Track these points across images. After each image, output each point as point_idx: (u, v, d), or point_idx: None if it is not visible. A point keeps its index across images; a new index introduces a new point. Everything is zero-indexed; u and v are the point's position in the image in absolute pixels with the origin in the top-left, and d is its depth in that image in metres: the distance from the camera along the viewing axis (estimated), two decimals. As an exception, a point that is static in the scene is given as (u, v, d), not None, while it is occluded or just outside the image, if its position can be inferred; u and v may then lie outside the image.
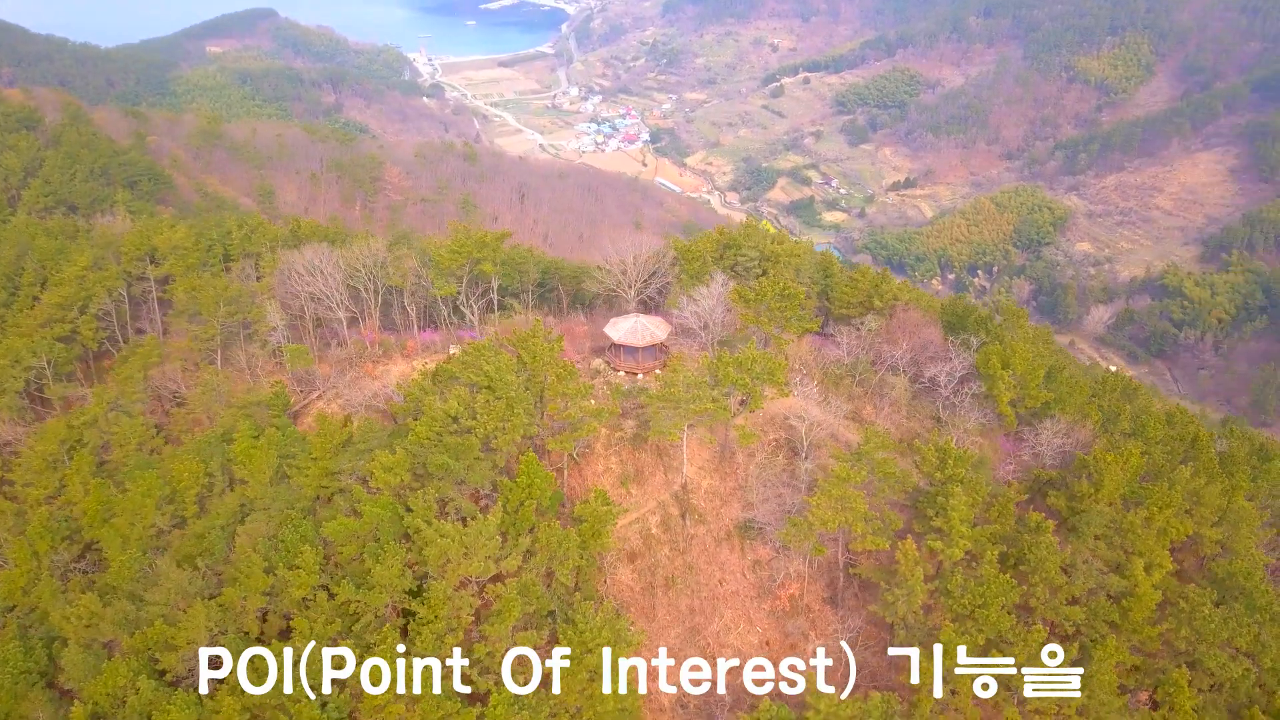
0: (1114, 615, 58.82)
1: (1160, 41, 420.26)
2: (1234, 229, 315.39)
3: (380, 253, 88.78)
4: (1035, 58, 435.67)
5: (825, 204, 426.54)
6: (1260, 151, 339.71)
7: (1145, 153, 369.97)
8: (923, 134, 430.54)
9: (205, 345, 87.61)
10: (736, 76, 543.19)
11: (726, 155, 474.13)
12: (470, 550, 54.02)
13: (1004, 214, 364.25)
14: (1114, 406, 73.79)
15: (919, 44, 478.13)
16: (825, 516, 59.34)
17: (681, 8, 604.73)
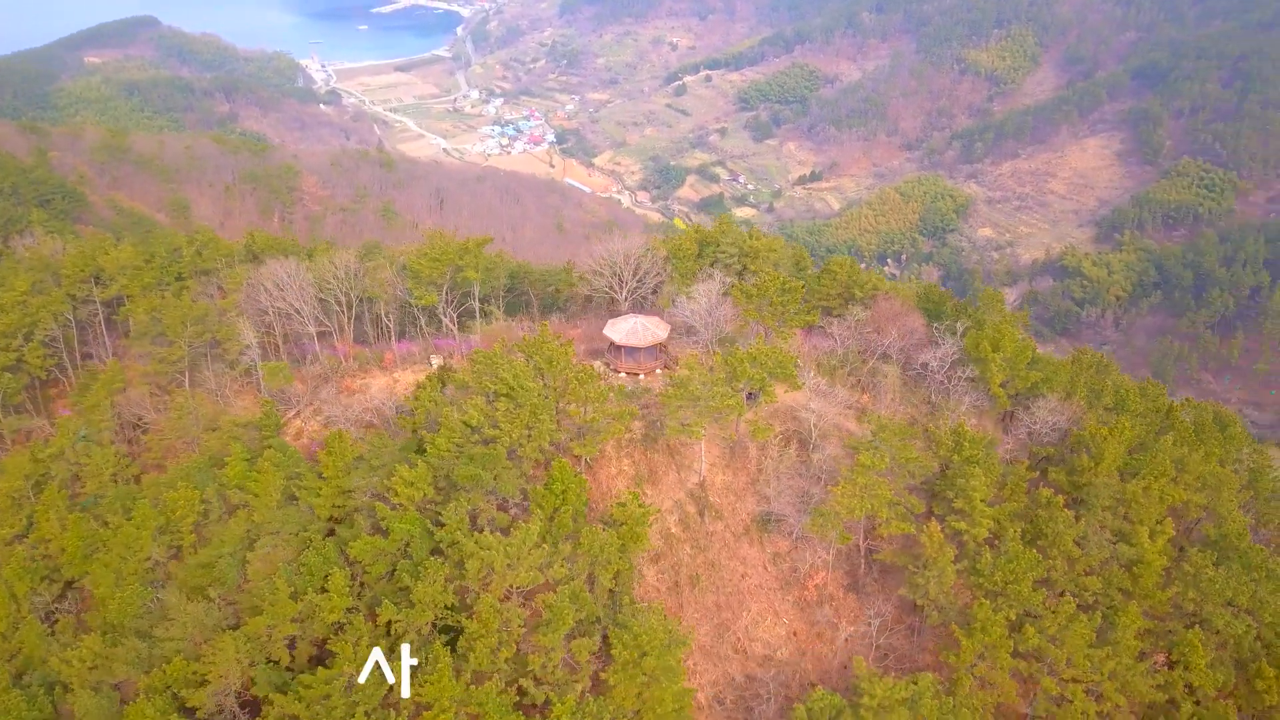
0: (1126, 583, 61.39)
1: (1043, 33, 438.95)
2: (1124, 210, 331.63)
3: (352, 264, 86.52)
4: (928, 51, 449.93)
5: (734, 200, 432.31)
6: (1142, 136, 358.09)
7: (1037, 140, 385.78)
8: (825, 128, 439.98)
9: (172, 368, 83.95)
10: (638, 76, 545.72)
11: (634, 154, 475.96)
12: (515, 561, 53.24)
13: (909, 203, 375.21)
14: (1093, 383, 76.93)
15: (816, 40, 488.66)
16: (851, 505, 60.36)
17: (578, 8, 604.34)
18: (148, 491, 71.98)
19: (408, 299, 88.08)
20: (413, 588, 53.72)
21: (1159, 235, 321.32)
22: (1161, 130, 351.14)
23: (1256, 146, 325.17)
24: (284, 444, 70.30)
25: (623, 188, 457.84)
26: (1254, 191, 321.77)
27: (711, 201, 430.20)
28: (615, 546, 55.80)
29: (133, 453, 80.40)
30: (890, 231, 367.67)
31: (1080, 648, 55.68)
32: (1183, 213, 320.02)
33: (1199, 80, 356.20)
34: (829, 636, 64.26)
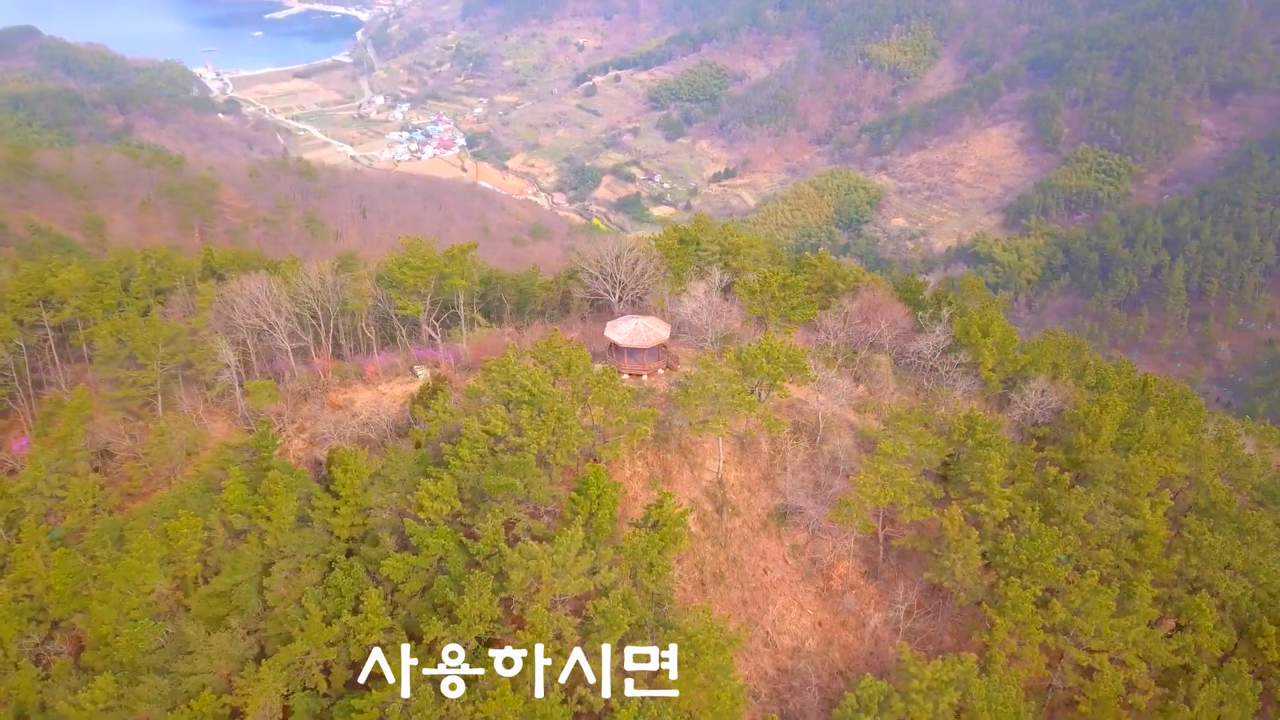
0: (1134, 554, 63.89)
1: (942, 27, 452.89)
2: (1029, 196, 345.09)
3: (329, 276, 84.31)
4: (832, 47, 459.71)
5: (651, 199, 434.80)
6: (1041, 124, 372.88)
7: (942, 131, 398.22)
8: (736, 125, 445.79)
9: (144, 392, 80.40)
10: (546, 77, 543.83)
11: (547, 156, 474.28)
12: (562, 569, 52.65)
13: (823, 197, 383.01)
14: (1072, 362, 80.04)
15: (722, 38, 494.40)
16: (874, 493, 61.44)
17: (481, 10, 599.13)
18: (137, 522, 68.75)
19: (387, 310, 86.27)
20: (456, 603, 52.61)
21: (1063, 219, 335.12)
22: (1059, 119, 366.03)
23: (1148, 131, 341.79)
24: (287, 464, 68.09)
25: (538, 190, 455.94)
26: (1148, 175, 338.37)
27: (629, 201, 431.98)
28: (657, 548, 55.66)
29: (107, 482, 76.77)
30: (807, 225, 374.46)
31: (1105, 619, 57.74)
32: (1084, 197, 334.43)
33: (1091, 70, 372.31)
34: (853, 625, 65.26)
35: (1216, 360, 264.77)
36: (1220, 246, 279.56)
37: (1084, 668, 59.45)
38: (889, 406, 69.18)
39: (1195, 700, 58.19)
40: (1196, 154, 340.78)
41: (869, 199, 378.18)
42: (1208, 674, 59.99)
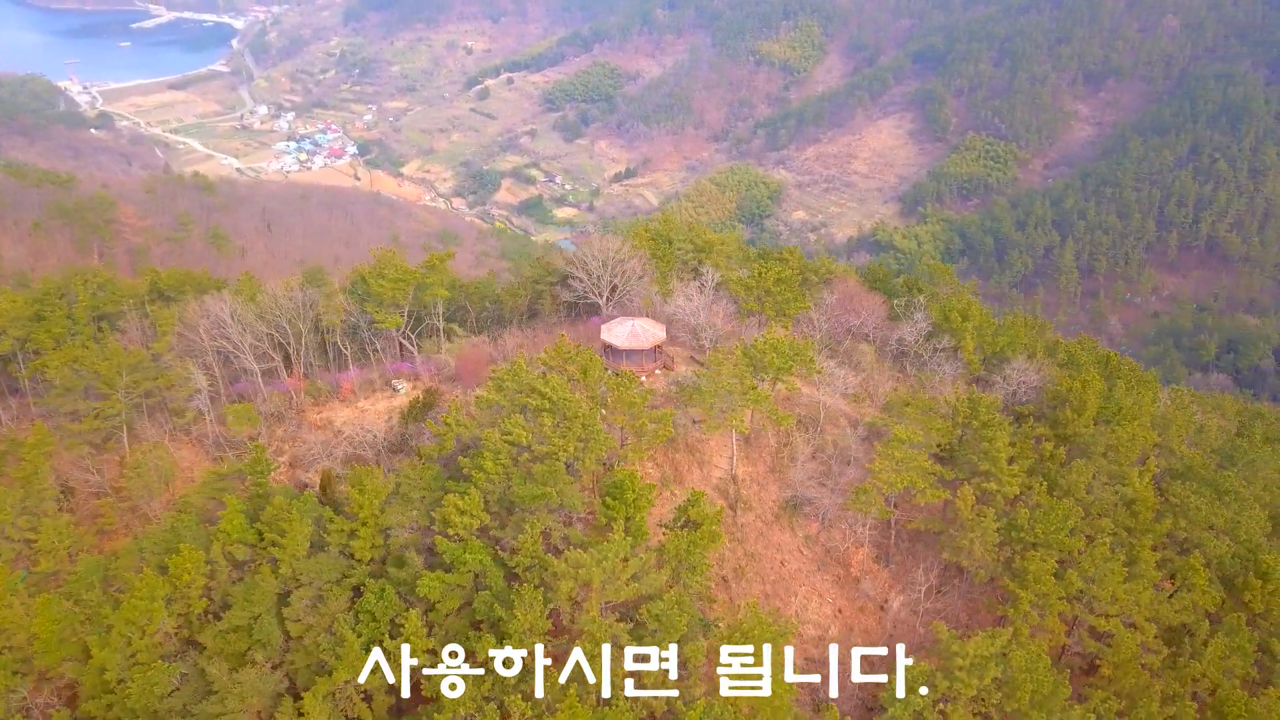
0: (1129, 521, 67.03)
1: (827, 23, 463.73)
2: (923, 184, 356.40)
3: (296, 293, 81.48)
4: (723, 45, 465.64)
5: (554, 201, 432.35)
6: (930, 115, 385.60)
7: (835, 124, 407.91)
8: (634, 124, 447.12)
9: (109, 424, 76.24)
10: (436, 82, 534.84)
11: (443, 161, 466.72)
12: (611, 575, 52.22)
13: (725, 193, 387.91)
14: (1038, 342, 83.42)
15: (614, 38, 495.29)
16: (891, 479, 62.87)
17: (364, 15, 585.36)
18: (125, 560, 65.30)
19: (359, 325, 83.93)
20: (506, 618, 51.62)
21: (957, 206, 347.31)
22: (946, 109, 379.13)
23: (1030, 118, 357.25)
24: (289, 489, 65.60)
25: (435, 196, 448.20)
26: (1032, 160, 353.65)
27: (530, 204, 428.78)
28: (700, 547, 55.72)
29: (78, 521, 72.53)
30: (711, 222, 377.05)
31: (1118, 584, 60.46)
32: (975, 184, 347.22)
33: (973, 61, 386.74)
34: (871, 609, 66.66)
35: (1108, 334, 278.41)
36: (1105, 226, 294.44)
37: (1099, 633, 62.19)
38: (887, 394, 70.77)
39: (1202, 655, 61.49)
40: (1075, 139, 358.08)
41: (769, 194, 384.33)
42: (1209, 630, 63.50)
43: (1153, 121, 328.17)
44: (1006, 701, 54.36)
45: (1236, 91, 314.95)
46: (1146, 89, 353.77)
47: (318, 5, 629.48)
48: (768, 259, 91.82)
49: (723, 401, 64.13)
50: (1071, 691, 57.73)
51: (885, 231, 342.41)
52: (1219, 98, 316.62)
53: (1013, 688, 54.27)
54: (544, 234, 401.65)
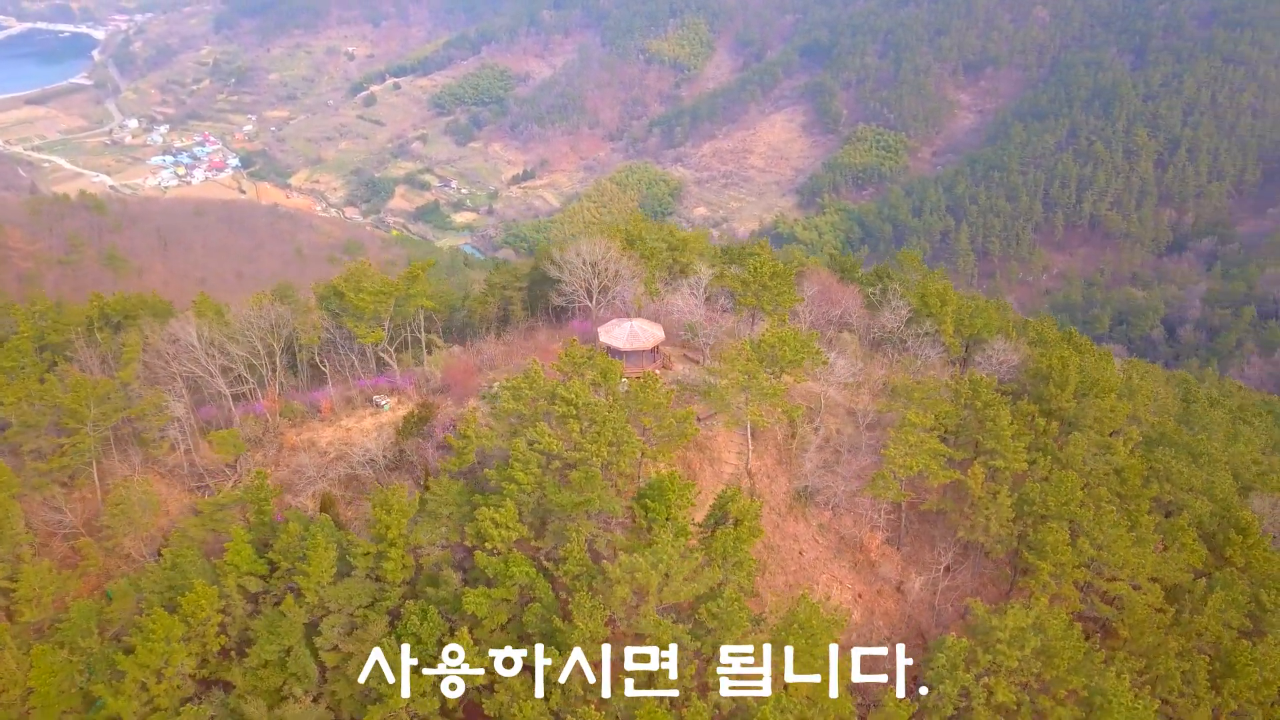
0: (1120, 488, 70.18)
1: (714, 20, 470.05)
2: (819, 176, 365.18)
3: (270, 311, 78.29)
4: (613, 44, 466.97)
5: (451, 206, 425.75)
6: (821, 107, 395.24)
7: (729, 120, 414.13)
8: (528, 126, 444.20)
9: (78, 460, 71.72)
10: (318, 89, 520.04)
11: (333, 170, 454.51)
12: (668, 578, 51.98)
13: (626, 192, 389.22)
14: (1003, 322, 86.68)
15: (501, 40, 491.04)
16: (907, 463, 64.32)
17: (236, 23, 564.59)
18: (122, 602, 61.72)
19: (334, 341, 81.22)
20: (565, 629, 50.85)
21: (853, 195, 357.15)
22: (836, 101, 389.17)
23: (916, 108, 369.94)
24: (301, 514, 62.98)
25: (327, 206, 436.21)
26: (921, 149, 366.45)
27: (427, 210, 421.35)
28: (745, 543, 55.94)
29: (58, 565, 68.03)
30: (613, 221, 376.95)
31: (1126, 549, 63.27)
32: (869, 173, 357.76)
33: (858, 54, 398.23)
34: (889, 592, 68.08)
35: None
36: (996, 209, 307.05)
37: (1108, 597, 65.02)
38: (890, 380, 72.35)
39: (1202, 610, 64.89)
40: (959, 126, 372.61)
41: (670, 191, 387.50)
42: (1205, 586, 67.04)
43: (1031, 107, 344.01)
44: (1045, 670, 56.29)
45: (1106, 77, 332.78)
46: (1022, 76, 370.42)
47: (185, 13, 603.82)
48: (736, 255, 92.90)
49: (738, 397, 64.50)
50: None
51: (786, 224, 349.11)
52: (1090, 83, 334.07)
53: (1050, 656, 56.23)
54: (442, 240, 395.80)
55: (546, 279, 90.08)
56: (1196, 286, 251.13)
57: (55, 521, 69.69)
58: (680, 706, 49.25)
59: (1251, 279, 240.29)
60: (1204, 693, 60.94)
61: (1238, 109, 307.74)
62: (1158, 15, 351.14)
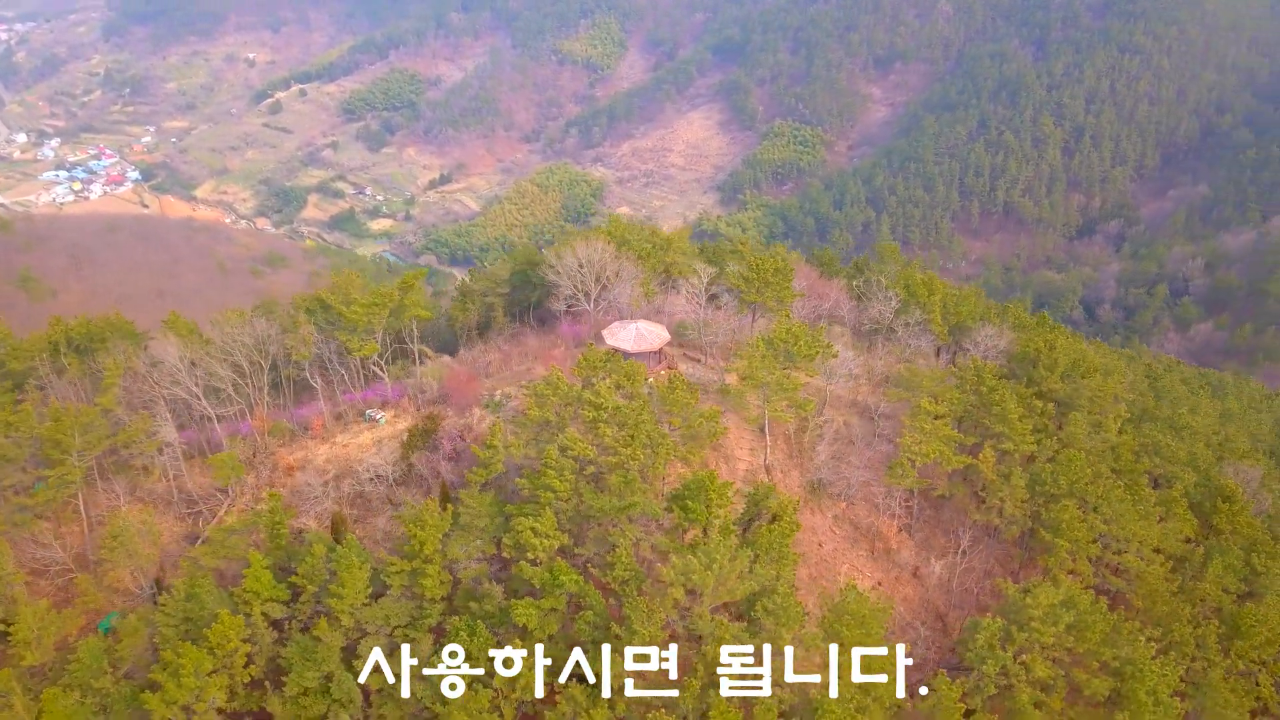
0: (1114, 463, 72.78)
1: (625, 20, 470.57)
2: (739, 173, 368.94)
3: (259, 328, 75.54)
4: (524, 45, 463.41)
5: (367, 213, 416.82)
6: (736, 105, 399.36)
7: (647, 119, 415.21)
8: (442, 130, 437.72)
9: (65, 492, 68.06)
10: (219, 98, 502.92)
11: (240, 181, 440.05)
12: (722, 577, 51.89)
13: (548, 193, 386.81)
14: (990, 309, 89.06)
15: (409, 44, 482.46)
16: (924, 450, 65.50)
17: (127, 30, 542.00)
18: (133, 639, 58.91)
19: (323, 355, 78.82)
20: (625, 634, 50.35)
21: (773, 191, 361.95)
22: (752, 98, 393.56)
23: (830, 103, 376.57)
24: (324, 536, 60.90)
25: (237, 217, 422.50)
26: (837, 142, 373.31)
27: (342, 218, 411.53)
28: (788, 538, 56.18)
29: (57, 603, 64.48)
30: (537, 223, 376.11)
31: (1134, 524, 65.61)
32: (788, 168, 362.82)
33: (771, 51, 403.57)
34: (906, 579, 69.25)
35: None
36: (915, 200, 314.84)
37: (1117, 569, 67.30)
38: (887, 371, 73.51)
39: (1203, 577, 67.75)
40: (872, 119, 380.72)
41: (592, 191, 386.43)
42: (1203, 553, 69.97)
43: (940, 99, 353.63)
44: (1078, 644, 57.96)
45: (1010, 68, 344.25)
46: (930, 70, 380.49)
47: (71, 21, 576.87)
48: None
49: (757, 394, 64.76)
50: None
51: (710, 221, 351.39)
52: (996, 75, 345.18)
53: (1081, 630, 57.92)
54: (360, 247, 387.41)
55: (529, 283, 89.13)
56: (1109, 267, 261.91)
57: (46, 559, 66.09)
58: (751, 705, 49.21)
59: (1160, 258, 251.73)
60: (1214, 655, 63.68)
61: (1135, 96, 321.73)
62: (1055, 8, 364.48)
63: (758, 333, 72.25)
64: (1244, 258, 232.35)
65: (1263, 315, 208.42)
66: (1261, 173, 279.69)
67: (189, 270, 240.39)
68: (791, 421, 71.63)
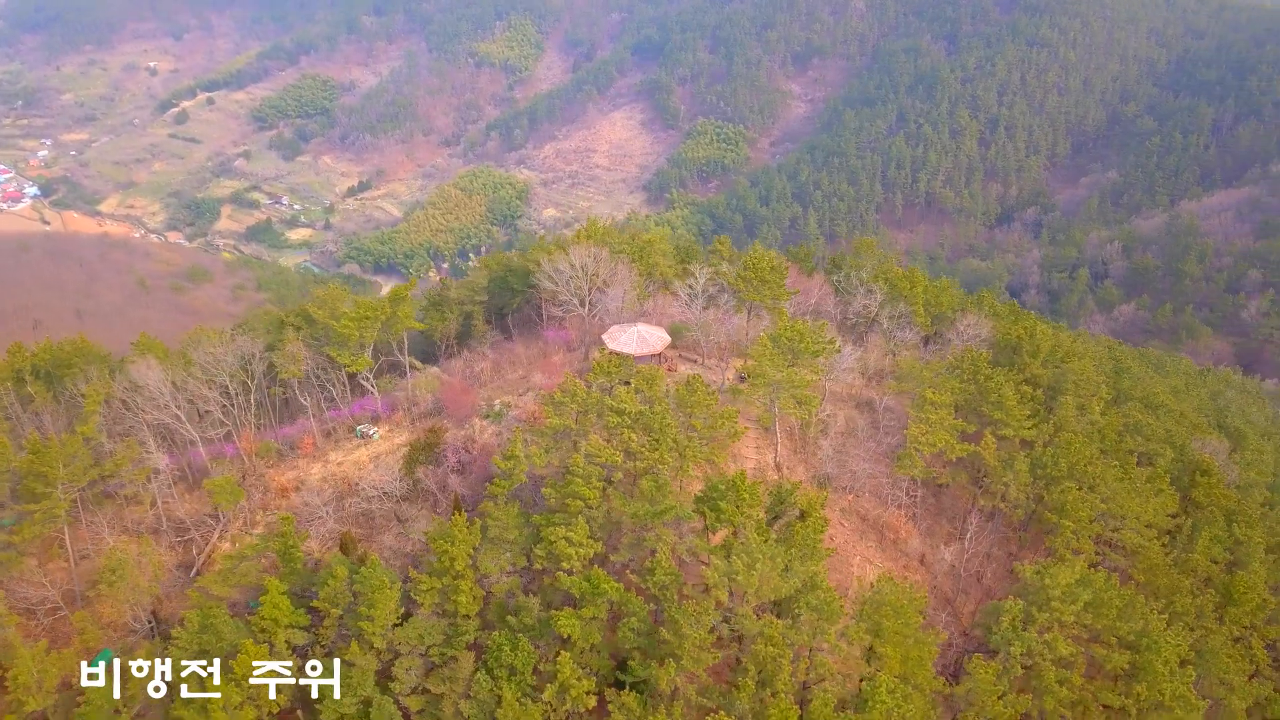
0: (1101, 443, 75.21)
1: (541, 21, 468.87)
2: (665, 172, 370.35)
3: (245, 347, 73.01)
4: (440, 48, 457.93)
5: (284, 223, 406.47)
6: (658, 104, 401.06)
7: (568, 120, 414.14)
8: (359, 136, 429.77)
9: (51, 527, 64.77)
10: (120, 108, 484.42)
11: (148, 194, 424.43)
12: (765, 577, 52.02)
13: (472, 197, 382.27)
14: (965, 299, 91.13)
15: (320, 49, 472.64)
16: (932, 440, 66.71)
17: (16, 39, 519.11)
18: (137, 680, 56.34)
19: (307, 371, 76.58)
20: (675, 639, 50.13)
21: (699, 189, 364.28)
22: (673, 97, 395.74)
23: (751, 100, 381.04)
24: (344, 559, 59.12)
25: (146, 232, 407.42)
26: (759, 139, 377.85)
27: (259, 229, 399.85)
28: (819, 534, 56.59)
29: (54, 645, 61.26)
30: (463, 228, 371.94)
31: (1130, 501, 67.92)
32: (712, 166, 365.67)
33: (690, 50, 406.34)
34: (914, 567, 70.41)
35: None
36: (840, 193, 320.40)
37: (1114, 545, 69.55)
38: (899, 364, 74.64)
39: (1193, 549, 70.50)
40: (793, 115, 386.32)
41: (517, 194, 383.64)
42: (1191, 526, 72.76)
43: (859, 94, 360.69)
44: (1096, 620, 59.72)
45: (925, 63, 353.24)
46: (847, 65, 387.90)
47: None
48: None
49: (770, 393, 65.12)
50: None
51: (638, 220, 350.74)
52: (911, 69, 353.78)
53: (1098, 606, 59.71)
54: (281, 258, 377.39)
55: (508, 290, 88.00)
56: (1031, 254, 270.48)
57: (34, 598, 62.80)
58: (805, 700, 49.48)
59: (1079, 243, 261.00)
60: (1211, 623, 66.36)
61: (1045, 88, 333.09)
62: (964, 4, 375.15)
63: (763, 331, 72.57)
64: (1158, 240, 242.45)
65: (1180, 294, 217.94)
66: (1166, 158, 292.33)
67: (107, 289, 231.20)
68: (796, 418, 72.20)
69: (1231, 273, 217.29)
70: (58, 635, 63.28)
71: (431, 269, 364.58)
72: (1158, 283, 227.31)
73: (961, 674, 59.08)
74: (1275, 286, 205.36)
